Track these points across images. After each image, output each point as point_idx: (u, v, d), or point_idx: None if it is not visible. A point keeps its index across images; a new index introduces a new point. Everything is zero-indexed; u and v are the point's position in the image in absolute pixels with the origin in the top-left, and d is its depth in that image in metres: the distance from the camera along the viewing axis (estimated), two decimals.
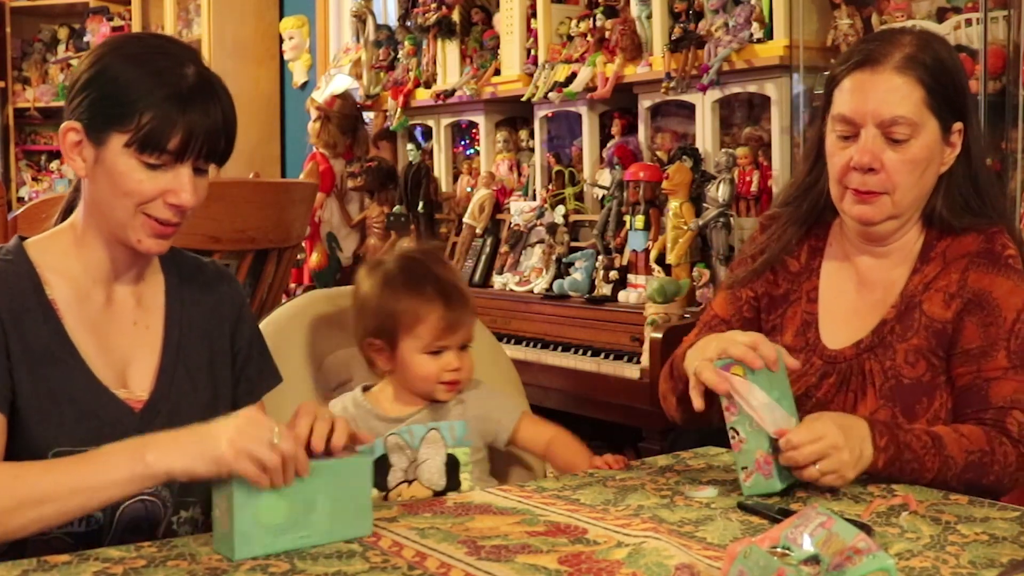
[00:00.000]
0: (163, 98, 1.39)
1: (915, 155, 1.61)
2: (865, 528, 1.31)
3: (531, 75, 3.80)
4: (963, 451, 1.54)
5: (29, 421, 1.39)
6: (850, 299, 1.73)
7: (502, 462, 1.94)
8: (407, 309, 1.74)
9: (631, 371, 3.04)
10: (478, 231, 3.98)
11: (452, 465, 1.76)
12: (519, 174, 4.04)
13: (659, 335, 2.89)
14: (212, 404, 1.53)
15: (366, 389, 1.83)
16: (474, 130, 4.28)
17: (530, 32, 3.88)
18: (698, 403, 1.51)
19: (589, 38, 3.63)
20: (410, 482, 1.74)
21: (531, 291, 3.60)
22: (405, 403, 1.79)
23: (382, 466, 1.74)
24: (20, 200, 5.95)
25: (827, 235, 1.78)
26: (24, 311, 1.41)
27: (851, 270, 1.75)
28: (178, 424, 1.46)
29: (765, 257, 1.79)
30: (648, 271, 3.28)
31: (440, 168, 4.36)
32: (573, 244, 3.62)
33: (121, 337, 1.50)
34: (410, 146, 4.36)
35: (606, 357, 3.16)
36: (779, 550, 1.06)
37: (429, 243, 3.89)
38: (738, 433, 1.50)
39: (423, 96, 4.32)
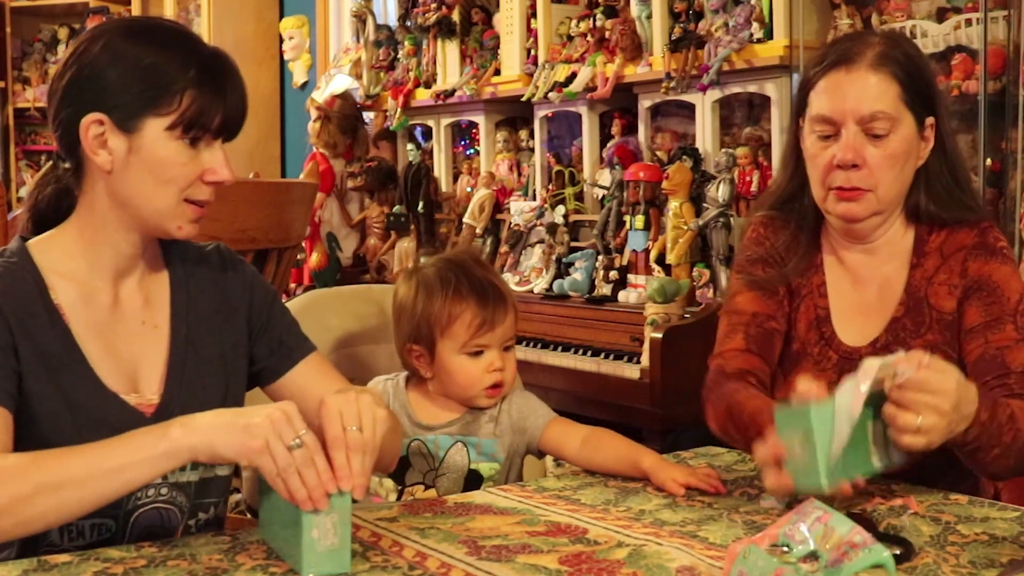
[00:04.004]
0: (197, 77, 1.36)
1: (895, 150, 1.64)
2: (867, 520, 1.31)
3: (531, 75, 3.80)
4: None
5: (43, 428, 1.36)
6: (850, 296, 1.75)
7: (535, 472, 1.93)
8: (441, 310, 1.71)
9: (631, 371, 3.04)
10: (478, 231, 3.98)
11: (473, 480, 1.72)
12: (519, 174, 4.05)
13: (659, 335, 2.89)
14: (223, 400, 1.49)
15: (409, 380, 1.80)
16: (474, 130, 4.28)
17: (530, 32, 3.88)
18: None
19: (589, 38, 3.63)
20: (427, 486, 1.73)
21: (531, 291, 3.60)
22: (442, 408, 1.76)
23: (401, 464, 1.71)
24: (20, 200, 5.94)
25: (819, 236, 1.79)
26: (31, 316, 1.37)
27: (844, 268, 1.76)
28: None
29: (792, 265, 1.77)
30: (648, 271, 3.28)
31: (440, 168, 4.36)
32: (573, 244, 3.62)
33: (130, 338, 1.45)
34: (410, 146, 4.37)
35: (606, 357, 3.16)
36: (778, 547, 1.06)
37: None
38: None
39: (423, 96, 4.32)
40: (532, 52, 3.86)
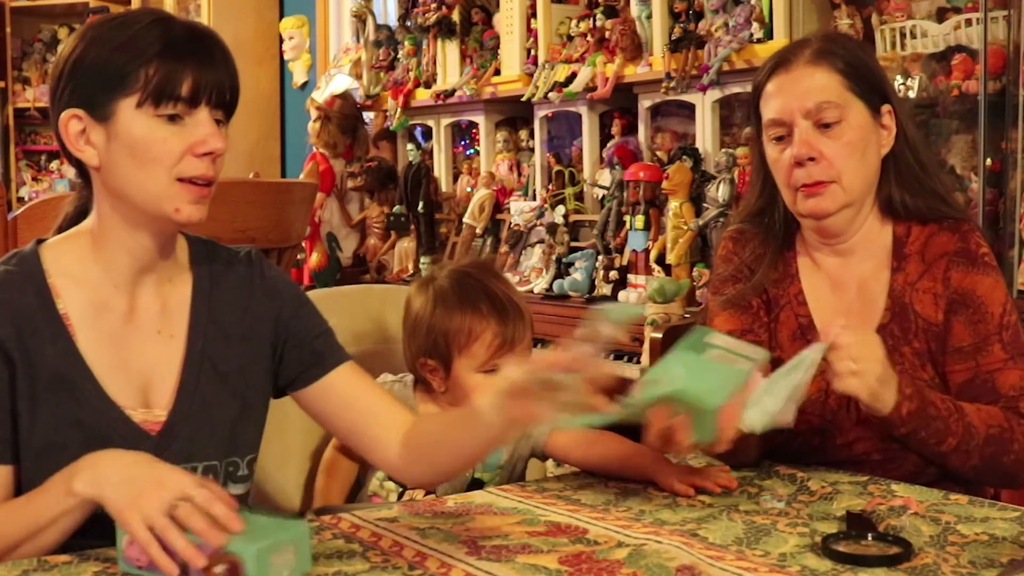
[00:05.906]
0: (161, 49, 1.31)
1: (850, 138, 1.64)
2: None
3: (531, 75, 3.80)
4: (984, 423, 1.55)
5: (39, 446, 1.31)
6: (831, 302, 1.73)
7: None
8: (460, 327, 1.67)
9: (631, 371, 3.04)
10: (478, 231, 3.98)
11: (475, 486, 1.71)
12: (519, 174, 4.05)
13: (659, 335, 2.88)
14: (239, 417, 1.44)
15: (416, 384, 1.76)
16: (474, 130, 4.28)
17: (530, 32, 3.88)
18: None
19: (589, 38, 3.63)
20: (427, 492, 1.72)
21: (531, 291, 3.60)
22: None
23: None
24: (20, 200, 5.94)
25: (794, 245, 1.79)
26: (30, 333, 1.31)
27: (822, 274, 1.75)
28: (198, 447, 1.38)
29: (759, 276, 1.77)
30: (648, 271, 3.28)
31: (440, 168, 4.37)
32: (573, 244, 3.62)
33: (143, 349, 1.38)
34: (410, 146, 4.37)
35: (606, 357, 3.16)
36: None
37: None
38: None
39: (423, 96, 4.32)
40: (532, 52, 3.86)
